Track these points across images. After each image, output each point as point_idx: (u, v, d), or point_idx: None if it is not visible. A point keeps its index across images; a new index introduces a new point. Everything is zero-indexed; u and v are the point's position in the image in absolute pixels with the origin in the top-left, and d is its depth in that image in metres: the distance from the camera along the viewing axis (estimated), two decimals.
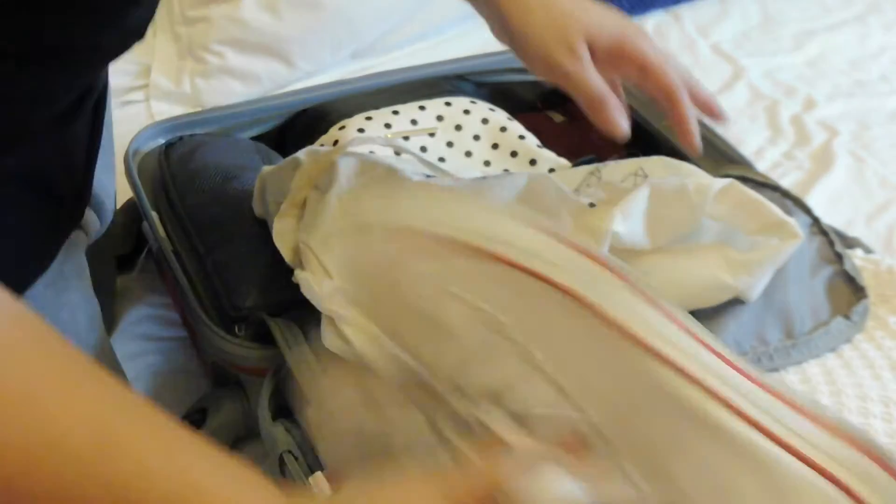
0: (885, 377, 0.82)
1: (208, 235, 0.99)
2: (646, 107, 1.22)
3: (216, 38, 1.41)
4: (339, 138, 1.12)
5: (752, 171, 1.04)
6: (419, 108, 1.16)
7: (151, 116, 1.39)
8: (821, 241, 0.94)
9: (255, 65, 1.43)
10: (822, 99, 1.51)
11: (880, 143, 1.43)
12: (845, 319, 0.88)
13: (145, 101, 1.42)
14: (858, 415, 0.79)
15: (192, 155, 1.08)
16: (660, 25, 1.68)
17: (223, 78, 1.42)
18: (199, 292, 0.96)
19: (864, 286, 0.91)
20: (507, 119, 1.17)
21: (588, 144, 1.23)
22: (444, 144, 1.13)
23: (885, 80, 1.57)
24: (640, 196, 0.81)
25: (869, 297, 0.90)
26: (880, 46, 1.66)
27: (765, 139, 1.43)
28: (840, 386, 0.81)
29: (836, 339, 0.86)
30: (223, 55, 1.42)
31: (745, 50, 1.63)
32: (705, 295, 0.83)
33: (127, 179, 1.07)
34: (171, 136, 1.14)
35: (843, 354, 0.86)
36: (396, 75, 1.26)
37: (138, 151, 1.13)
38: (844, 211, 1.30)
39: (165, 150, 1.11)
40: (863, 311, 0.89)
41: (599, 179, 0.98)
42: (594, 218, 0.80)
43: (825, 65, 1.61)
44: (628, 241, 0.81)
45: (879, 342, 0.87)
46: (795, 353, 0.84)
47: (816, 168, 1.37)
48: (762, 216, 0.84)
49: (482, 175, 1.00)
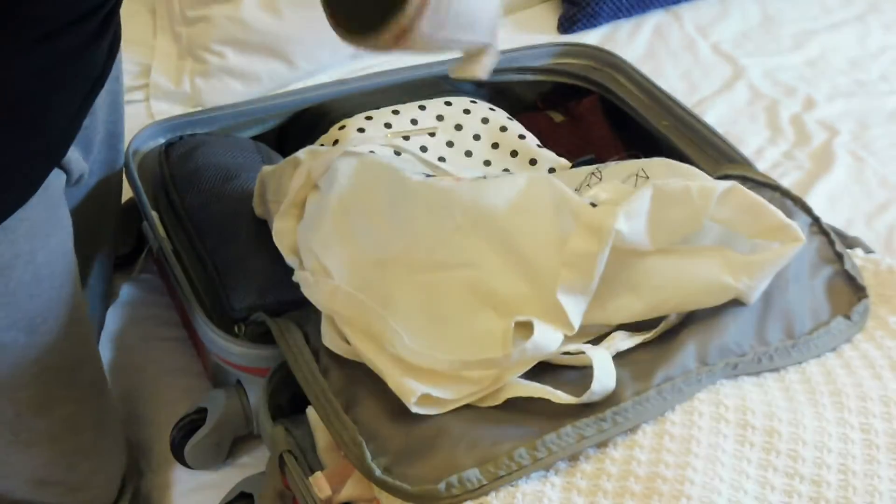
0: (885, 377, 0.82)
1: (208, 235, 0.99)
2: (646, 107, 1.23)
3: (216, 37, 1.41)
4: (339, 138, 1.12)
5: (753, 171, 1.04)
6: (419, 107, 1.16)
7: (151, 116, 1.39)
8: (821, 240, 0.94)
9: (255, 64, 1.43)
10: (822, 99, 1.51)
11: (880, 142, 1.43)
12: (846, 319, 0.88)
13: (145, 101, 1.42)
14: (859, 414, 0.79)
15: (192, 154, 1.08)
16: (660, 25, 1.68)
17: (223, 78, 1.42)
18: (199, 292, 0.96)
19: (864, 286, 0.91)
20: (507, 119, 1.17)
21: (588, 144, 1.23)
22: (444, 144, 1.13)
23: (885, 79, 1.57)
24: (643, 196, 0.81)
25: (869, 297, 0.90)
26: (880, 46, 1.66)
27: (765, 139, 1.43)
28: (840, 385, 0.81)
29: (836, 338, 0.87)
30: (223, 55, 1.42)
31: (745, 50, 1.63)
32: (706, 296, 0.84)
33: (127, 179, 1.07)
34: (172, 136, 1.14)
35: (844, 354, 0.86)
36: (396, 75, 1.26)
37: (138, 151, 1.13)
38: (844, 211, 1.30)
39: (165, 149, 1.11)
40: (863, 311, 0.89)
41: (600, 180, 0.99)
42: (598, 217, 0.80)
43: (825, 65, 1.61)
44: (630, 241, 0.81)
45: (879, 342, 0.87)
46: (796, 352, 0.84)
47: (816, 168, 1.37)
48: (764, 219, 0.85)
49: (482, 174, 1.00)
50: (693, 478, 0.71)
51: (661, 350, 0.81)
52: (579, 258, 0.80)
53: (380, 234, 0.88)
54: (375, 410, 0.77)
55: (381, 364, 0.77)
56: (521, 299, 0.83)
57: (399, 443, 0.74)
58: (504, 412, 0.77)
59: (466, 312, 0.84)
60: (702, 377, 0.79)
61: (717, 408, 0.78)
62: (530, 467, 0.72)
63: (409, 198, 0.89)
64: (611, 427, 0.75)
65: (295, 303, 0.88)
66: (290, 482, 0.80)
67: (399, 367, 0.77)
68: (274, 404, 0.85)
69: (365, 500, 0.76)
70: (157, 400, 1.05)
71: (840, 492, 0.73)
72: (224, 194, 1.03)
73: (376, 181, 0.90)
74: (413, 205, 0.88)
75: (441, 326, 0.83)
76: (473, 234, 0.86)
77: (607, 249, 0.79)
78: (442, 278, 0.86)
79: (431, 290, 0.85)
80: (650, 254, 0.83)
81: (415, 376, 0.76)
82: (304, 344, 0.84)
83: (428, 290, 0.85)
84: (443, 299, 0.85)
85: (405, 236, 0.87)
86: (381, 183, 0.90)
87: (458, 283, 0.85)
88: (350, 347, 0.80)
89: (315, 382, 0.80)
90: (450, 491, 0.70)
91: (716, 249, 0.84)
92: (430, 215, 0.88)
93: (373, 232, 0.88)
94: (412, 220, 0.88)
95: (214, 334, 0.90)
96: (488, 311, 0.84)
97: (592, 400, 0.76)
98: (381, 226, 0.88)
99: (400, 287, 0.85)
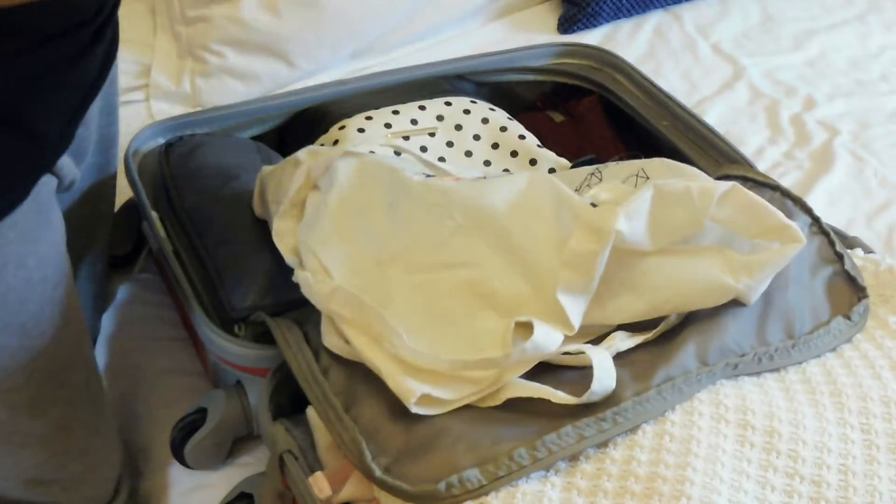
0: (885, 377, 0.82)
1: (208, 235, 0.99)
2: (646, 107, 1.23)
3: (216, 37, 1.41)
4: (339, 138, 1.12)
5: (753, 171, 1.04)
6: (419, 107, 1.16)
7: (151, 116, 1.39)
8: (821, 240, 0.94)
9: (255, 64, 1.43)
10: (822, 99, 1.51)
11: (880, 142, 1.43)
12: (846, 319, 0.88)
13: (145, 101, 1.42)
14: (859, 415, 0.79)
15: (193, 155, 1.08)
16: (660, 25, 1.68)
17: (223, 77, 1.42)
18: (198, 292, 0.96)
19: (864, 286, 0.91)
20: (507, 119, 1.17)
21: (588, 144, 1.23)
22: (444, 144, 1.13)
23: (885, 79, 1.57)
24: (644, 197, 0.81)
25: (869, 297, 0.90)
26: (880, 46, 1.66)
27: (765, 139, 1.43)
28: (840, 386, 0.81)
29: (836, 338, 0.87)
30: (223, 55, 1.41)
31: (745, 50, 1.63)
32: (706, 296, 0.84)
33: (127, 179, 1.07)
34: (172, 136, 1.14)
35: (844, 354, 0.86)
36: (396, 75, 1.26)
37: (138, 151, 1.13)
38: (844, 211, 1.30)
39: (165, 149, 1.11)
40: (863, 311, 0.89)
41: (600, 180, 0.99)
42: (599, 217, 0.80)
43: (825, 65, 1.61)
44: (631, 241, 0.81)
45: (879, 342, 0.87)
46: (796, 352, 0.84)
47: (816, 168, 1.37)
48: (764, 220, 0.84)
49: (482, 175, 1.00)
50: (693, 478, 0.71)
51: (661, 350, 0.81)
52: (579, 258, 0.80)
53: (379, 235, 0.87)
54: (375, 410, 0.77)
55: (381, 364, 0.77)
56: (521, 299, 0.83)
57: (399, 443, 0.74)
58: (504, 412, 0.77)
59: (466, 313, 0.84)
60: (702, 377, 0.79)
61: (718, 408, 0.78)
62: (530, 467, 0.72)
63: (409, 198, 0.88)
64: (611, 427, 0.75)
65: (295, 303, 0.88)
66: (290, 482, 0.80)
67: (398, 368, 0.77)
68: (274, 404, 0.85)
69: (365, 501, 0.76)
70: (156, 400, 1.05)
71: (840, 492, 0.73)
72: (224, 194, 1.02)
73: (376, 181, 0.90)
74: (413, 205, 0.88)
75: (441, 327, 0.83)
76: (473, 235, 0.86)
77: (608, 250, 0.79)
78: (442, 278, 0.86)
79: (431, 290, 0.85)
80: (650, 254, 0.83)
81: (414, 376, 0.76)
82: (304, 344, 0.84)
83: (428, 291, 0.85)
84: (443, 300, 0.85)
85: (405, 236, 0.87)
86: (381, 183, 0.89)
87: (458, 284, 0.85)
88: (350, 348, 0.80)
89: (315, 382, 0.80)
90: (450, 491, 0.70)
91: (716, 250, 0.84)
92: (429, 215, 0.88)
93: (373, 232, 0.88)
94: (412, 220, 0.88)
95: (214, 334, 0.90)
96: (488, 311, 0.84)
97: (592, 400, 0.76)
98: (381, 226, 0.88)
99: (400, 287, 0.85)
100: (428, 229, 0.87)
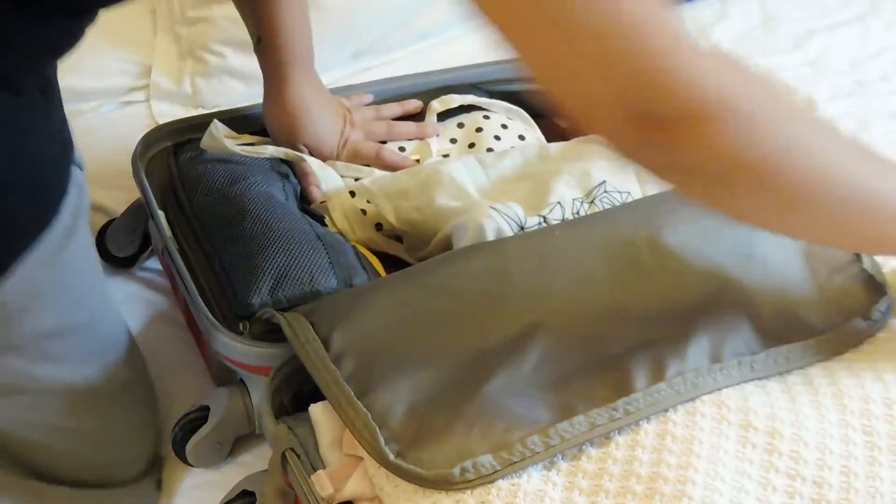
0: (887, 379, 0.83)
1: (216, 235, 1.00)
2: None
3: (216, 38, 1.41)
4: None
5: None
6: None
7: (152, 116, 1.39)
8: None
9: (255, 65, 1.43)
10: (822, 99, 1.51)
11: (880, 142, 1.43)
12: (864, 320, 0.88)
13: (146, 102, 1.42)
14: (861, 416, 0.79)
15: (201, 157, 1.09)
16: None
17: (224, 78, 1.42)
18: (203, 291, 0.97)
19: (883, 283, 0.91)
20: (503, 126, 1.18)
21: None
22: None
23: (886, 80, 1.58)
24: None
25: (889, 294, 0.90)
26: (880, 46, 1.66)
27: None
28: (842, 387, 0.82)
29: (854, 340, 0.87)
30: (223, 55, 1.41)
31: (745, 50, 1.63)
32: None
33: (134, 180, 1.07)
34: (179, 139, 1.15)
35: (846, 356, 0.86)
36: (406, 81, 1.25)
37: (146, 153, 1.13)
38: None
39: (174, 151, 1.11)
40: (885, 310, 0.89)
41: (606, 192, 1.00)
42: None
43: (825, 65, 1.61)
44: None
45: (882, 344, 0.87)
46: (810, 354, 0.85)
47: None
48: None
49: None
50: (695, 478, 0.72)
51: (674, 344, 0.82)
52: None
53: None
54: (388, 397, 0.77)
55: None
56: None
57: (412, 429, 0.75)
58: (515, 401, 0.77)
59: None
60: (715, 374, 0.80)
61: (720, 409, 0.78)
62: (543, 454, 0.72)
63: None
64: (622, 416, 0.75)
65: (303, 300, 0.89)
66: (292, 480, 0.80)
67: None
68: (276, 403, 0.85)
69: (367, 499, 0.76)
70: (159, 397, 1.05)
71: (842, 493, 0.73)
72: (231, 195, 1.03)
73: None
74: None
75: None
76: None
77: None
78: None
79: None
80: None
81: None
82: (311, 333, 0.83)
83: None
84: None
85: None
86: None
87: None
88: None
89: (326, 370, 0.80)
90: (464, 476, 0.71)
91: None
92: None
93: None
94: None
95: (218, 332, 0.91)
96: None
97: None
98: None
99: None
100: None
